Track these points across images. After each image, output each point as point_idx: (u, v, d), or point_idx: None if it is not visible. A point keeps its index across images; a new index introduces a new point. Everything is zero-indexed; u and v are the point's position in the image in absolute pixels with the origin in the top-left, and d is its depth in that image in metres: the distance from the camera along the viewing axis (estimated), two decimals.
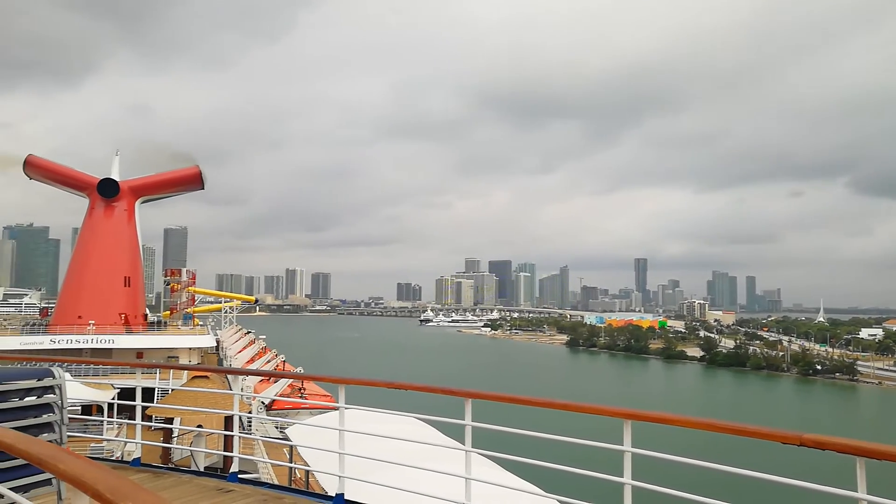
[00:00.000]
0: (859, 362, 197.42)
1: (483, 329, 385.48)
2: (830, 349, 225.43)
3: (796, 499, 7.49)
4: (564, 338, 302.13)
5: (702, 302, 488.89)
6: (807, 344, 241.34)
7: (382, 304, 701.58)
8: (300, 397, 51.89)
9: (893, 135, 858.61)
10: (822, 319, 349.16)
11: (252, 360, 60.42)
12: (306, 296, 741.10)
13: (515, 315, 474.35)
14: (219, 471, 15.15)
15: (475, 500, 8.29)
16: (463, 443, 8.47)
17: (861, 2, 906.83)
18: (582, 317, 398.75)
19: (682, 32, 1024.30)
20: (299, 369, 58.96)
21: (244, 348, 68.06)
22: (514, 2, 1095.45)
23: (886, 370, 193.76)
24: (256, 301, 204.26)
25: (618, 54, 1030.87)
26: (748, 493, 10.68)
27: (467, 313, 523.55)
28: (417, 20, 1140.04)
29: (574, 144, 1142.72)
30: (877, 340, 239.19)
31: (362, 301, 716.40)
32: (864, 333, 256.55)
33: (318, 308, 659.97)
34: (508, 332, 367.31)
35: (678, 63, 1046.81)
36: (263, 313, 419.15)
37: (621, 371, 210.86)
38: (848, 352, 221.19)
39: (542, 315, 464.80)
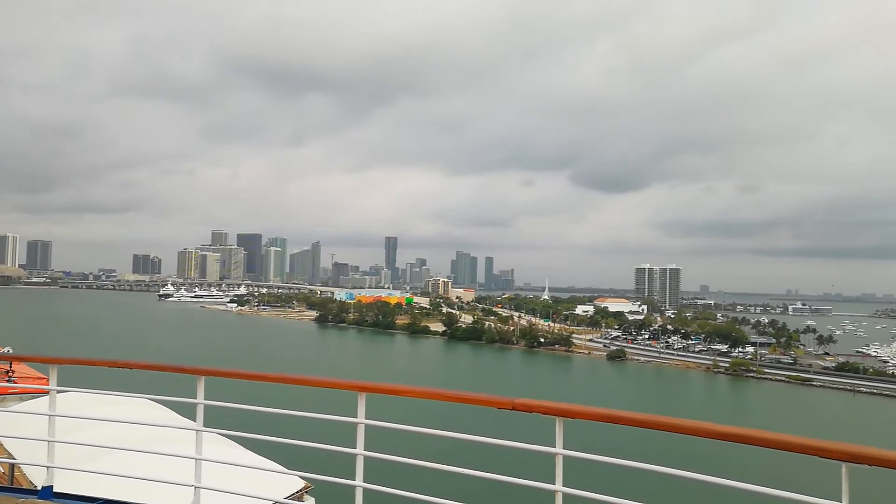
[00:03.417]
0: (574, 335, 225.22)
1: (229, 305, 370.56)
2: (552, 324, 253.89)
3: (509, 457, 8.32)
4: (314, 314, 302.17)
5: (446, 280, 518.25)
6: (533, 319, 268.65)
7: (115, 276, 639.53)
8: (8, 381, 45.54)
9: (603, 137, 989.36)
10: (546, 297, 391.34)
11: None
12: (20, 266, 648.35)
13: (265, 291, 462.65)
14: None
15: (207, 482, 7.96)
16: (201, 423, 8.07)
17: (583, 18, 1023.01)
18: (332, 293, 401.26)
19: (436, 22, 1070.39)
20: (7, 349, 51.66)
21: None
22: None
23: (595, 342, 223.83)
24: None
25: (375, 35, 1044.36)
26: (469, 455, 11.60)
27: (213, 288, 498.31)
28: None
29: (329, 119, 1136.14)
30: (588, 316, 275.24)
31: (91, 273, 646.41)
32: (579, 310, 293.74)
33: (35, 280, 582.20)
34: (256, 308, 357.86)
35: (431, 50, 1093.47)
36: None
37: (367, 346, 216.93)
38: (566, 326, 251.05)
39: (293, 291, 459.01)
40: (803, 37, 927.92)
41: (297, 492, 17.68)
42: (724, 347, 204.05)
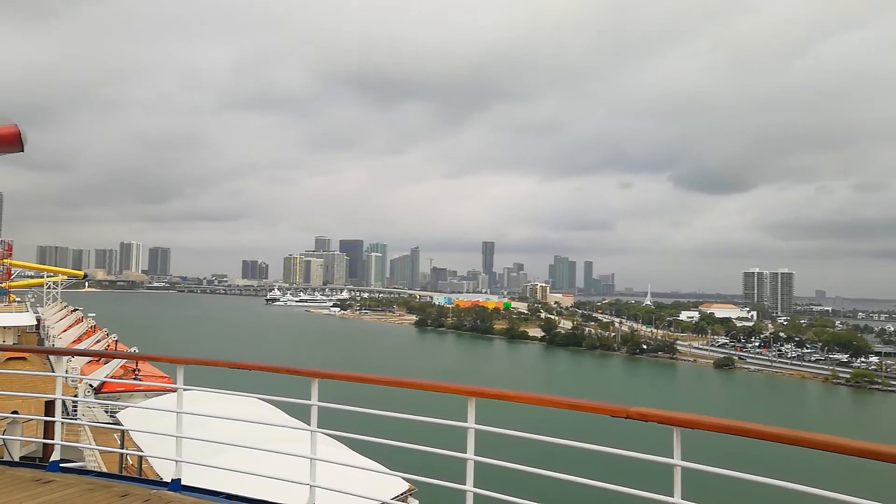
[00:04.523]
0: (678, 342, 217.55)
1: (332, 309, 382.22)
2: (655, 330, 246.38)
3: (623, 466, 8.06)
4: (414, 318, 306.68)
5: (543, 285, 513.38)
6: (635, 325, 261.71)
7: (227, 282, 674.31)
8: (134, 379, 48.66)
9: (704, 137, 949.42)
10: (648, 303, 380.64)
11: (79, 340, 55.89)
12: (143, 272, 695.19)
13: (366, 295, 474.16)
14: (37, 460, 13.92)
15: (321, 481, 8.20)
16: (309, 423, 8.33)
17: (679, 15, 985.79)
18: (431, 297, 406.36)
19: (529, 25, 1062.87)
20: (134, 349, 55.34)
21: (70, 327, 62.74)
22: None
23: (700, 349, 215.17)
24: (85, 276, 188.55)
25: (469, 42, 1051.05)
26: (581, 463, 11.41)
27: (316, 293, 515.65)
28: None
29: (426, 127, 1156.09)
30: (693, 322, 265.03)
31: (205, 279, 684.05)
32: (683, 316, 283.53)
33: (156, 285, 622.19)
34: (358, 312, 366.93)
35: (525, 52, 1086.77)
36: (94, 289, 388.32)
37: (468, 350, 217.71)
38: (670, 332, 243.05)
39: (392, 295, 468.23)
40: None
41: (401, 493, 17.95)
42: (844, 357, 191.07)
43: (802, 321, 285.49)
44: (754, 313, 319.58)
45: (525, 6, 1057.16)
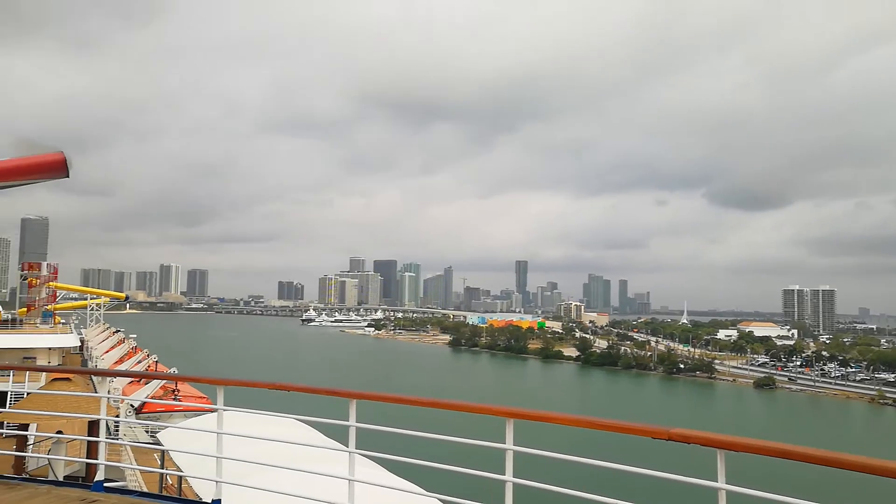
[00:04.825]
0: (716, 361, 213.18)
1: (367, 329, 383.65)
2: (692, 349, 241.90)
3: (664, 489, 7.92)
4: (447, 338, 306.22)
5: (578, 304, 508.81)
6: (672, 344, 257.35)
7: (263, 302, 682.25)
8: (174, 399, 49.45)
9: (739, 153, 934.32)
10: (685, 321, 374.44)
11: (121, 361, 57.01)
12: (182, 293, 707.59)
13: (400, 315, 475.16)
14: (81, 480, 14.17)
15: (359, 502, 8.20)
16: (346, 444, 8.36)
17: (712, 29, 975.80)
18: (465, 317, 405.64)
19: (559, 45, 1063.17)
20: (173, 370, 56.24)
21: (112, 348, 64.07)
22: (398, 7, 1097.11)
23: (739, 368, 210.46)
24: (127, 298, 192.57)
25: (497, 62, 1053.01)
26: (621, 485, 11.19)
27: (351, 313, 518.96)
28: (300, 17, 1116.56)
29: (458, 147, 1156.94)
30: (732, 341, 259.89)
31: (241, 299, 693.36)
32: (721, 334, 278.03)
33: (194, 306, 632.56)
34: (392, 332, 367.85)
35: (555, 73, 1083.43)
36: (135, 311, 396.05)
37: (502, 370, 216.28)
38: (707, 351, 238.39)
39: (426, 315, 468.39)
40: None
41: None
42: (890, 376, 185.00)
43: (846, 339, 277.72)
44: (795, 331, 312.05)
45: (555, 30, 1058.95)
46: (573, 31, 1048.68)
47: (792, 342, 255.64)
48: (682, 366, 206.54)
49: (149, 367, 56.38)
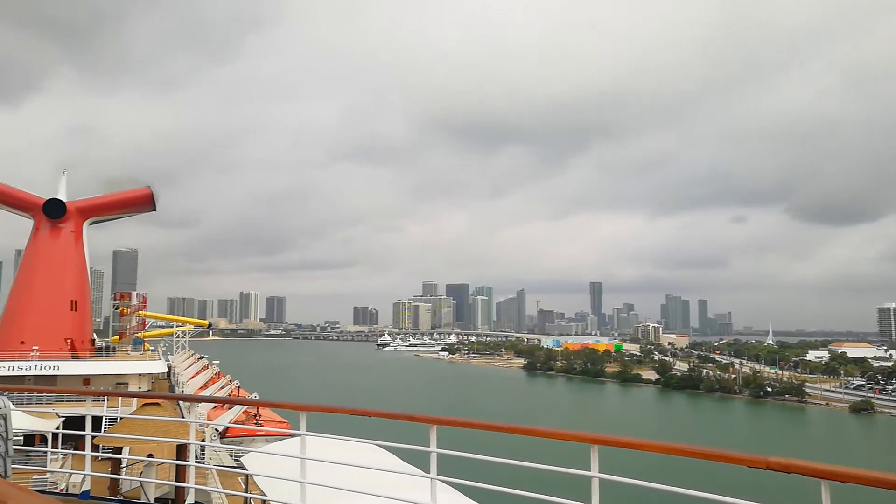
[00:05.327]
0: (807, 384, 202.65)
1: (441, 353, 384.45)
2: (780, 371, 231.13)
3: None
4: (522, 361, 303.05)
5: (656, 325, 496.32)
6: (757, 366, 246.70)
7: (339, 328, 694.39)
8: (255, 424, 50.62)
9: (823, 165, 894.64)
10: (771, 342, 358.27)
11: (205, 387, 58.86)
12: (261, 320, 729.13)
13: (473, 339, 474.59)
14: (170, 502, 14.61)
15: None
16: (426, 470, 8.31)
17: (792, 38, 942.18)
18: (539, 340, 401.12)
19: (630, 61, 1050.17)
20: (254, 395, 57.71)
21: (197, 374, 66.31)
22: (464, 30, 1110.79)
23: (832, 391, 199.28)
24: (210, 325, 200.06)
25: (566, 83, 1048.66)
26: None
27: (425, 337, 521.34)
28: (368, 45, 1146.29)
29: (528, 168, 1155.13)
30: (823, 363, 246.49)
31: (318, 325, 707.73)
32: (811, 356, 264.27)
33: (272, 332, 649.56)
34: (466, 356, 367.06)
35: (626, 91, 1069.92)
36: (217, 338, 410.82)
37: (579, 394, 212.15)
38: (796, 374, 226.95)
39: (500, 339, 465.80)
40: None
41: None
42: None
43: None
44: (893, 352, 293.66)
45: (629, 46, 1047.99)
46: (647, 46, 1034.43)
47: (890, 364, 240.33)
48: (769, 389, 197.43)
49: (231, 392, 58.08)
